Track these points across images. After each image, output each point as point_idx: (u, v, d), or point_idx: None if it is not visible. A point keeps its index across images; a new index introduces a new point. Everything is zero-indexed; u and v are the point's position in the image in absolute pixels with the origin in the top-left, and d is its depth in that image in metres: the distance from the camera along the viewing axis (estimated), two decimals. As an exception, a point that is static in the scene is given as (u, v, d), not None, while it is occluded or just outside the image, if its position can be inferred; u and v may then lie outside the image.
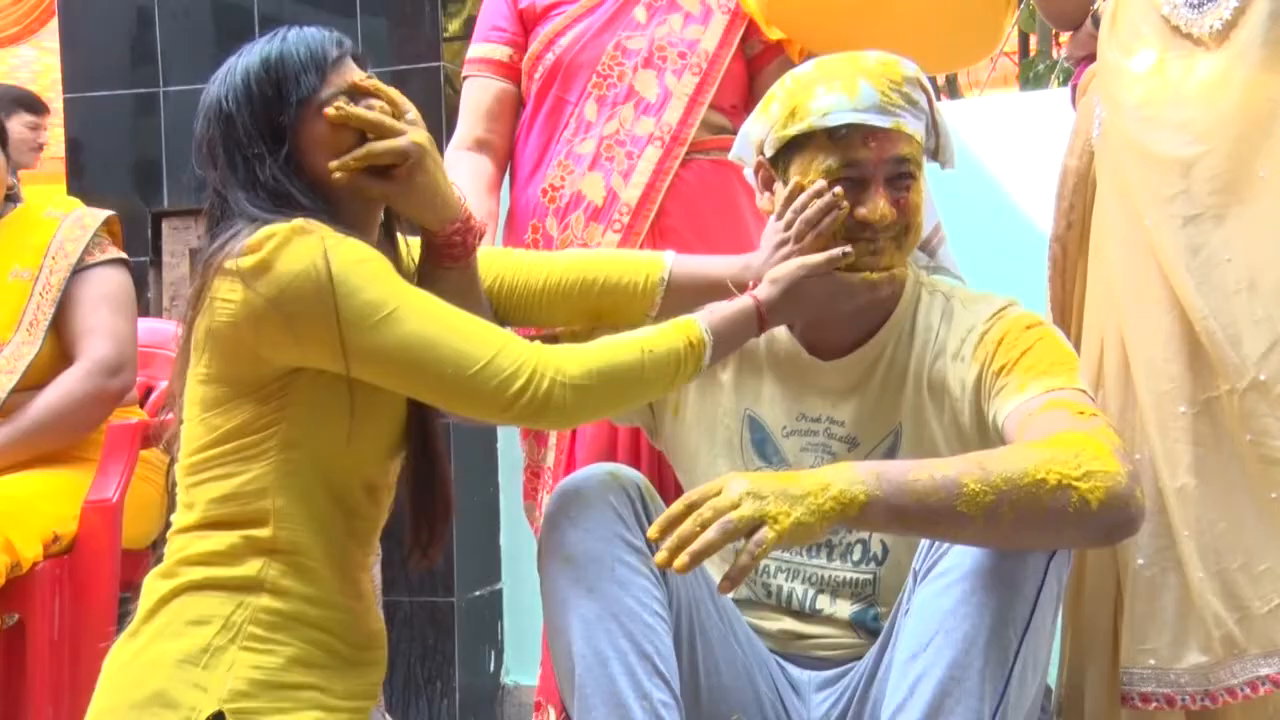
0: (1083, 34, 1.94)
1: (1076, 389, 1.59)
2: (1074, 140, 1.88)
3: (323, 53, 1.60)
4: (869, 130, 1.68)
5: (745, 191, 2.29)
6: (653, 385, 1.60)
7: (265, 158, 1.57)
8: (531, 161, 2.28)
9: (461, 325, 1.53)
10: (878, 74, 1.70)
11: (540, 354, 1.53)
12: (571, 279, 1.78)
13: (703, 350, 1.62)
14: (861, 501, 1.41)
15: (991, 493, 1.41)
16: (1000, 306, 1.73)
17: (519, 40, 2.32)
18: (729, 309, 1.67)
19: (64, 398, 2.35)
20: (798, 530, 1.40)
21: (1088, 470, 1.43)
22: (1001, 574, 1.47)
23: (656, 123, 2.21)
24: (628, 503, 1.56)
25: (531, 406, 1.52)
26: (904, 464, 1.47)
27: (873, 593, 1.73)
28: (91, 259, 2.45)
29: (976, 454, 1.49)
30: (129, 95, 3.37)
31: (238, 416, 1.55)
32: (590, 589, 1.53)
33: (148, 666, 1.52)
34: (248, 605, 1.53)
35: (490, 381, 1.51)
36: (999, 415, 1.62)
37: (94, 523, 2.28)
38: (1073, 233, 1.88)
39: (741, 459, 1.79)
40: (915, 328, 1.75)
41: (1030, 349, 1.64)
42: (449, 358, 1.51)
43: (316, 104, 1.58)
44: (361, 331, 1.49)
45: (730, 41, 2.26)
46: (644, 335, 1.60)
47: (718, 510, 1.40)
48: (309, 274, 1.49)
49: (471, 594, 3.12)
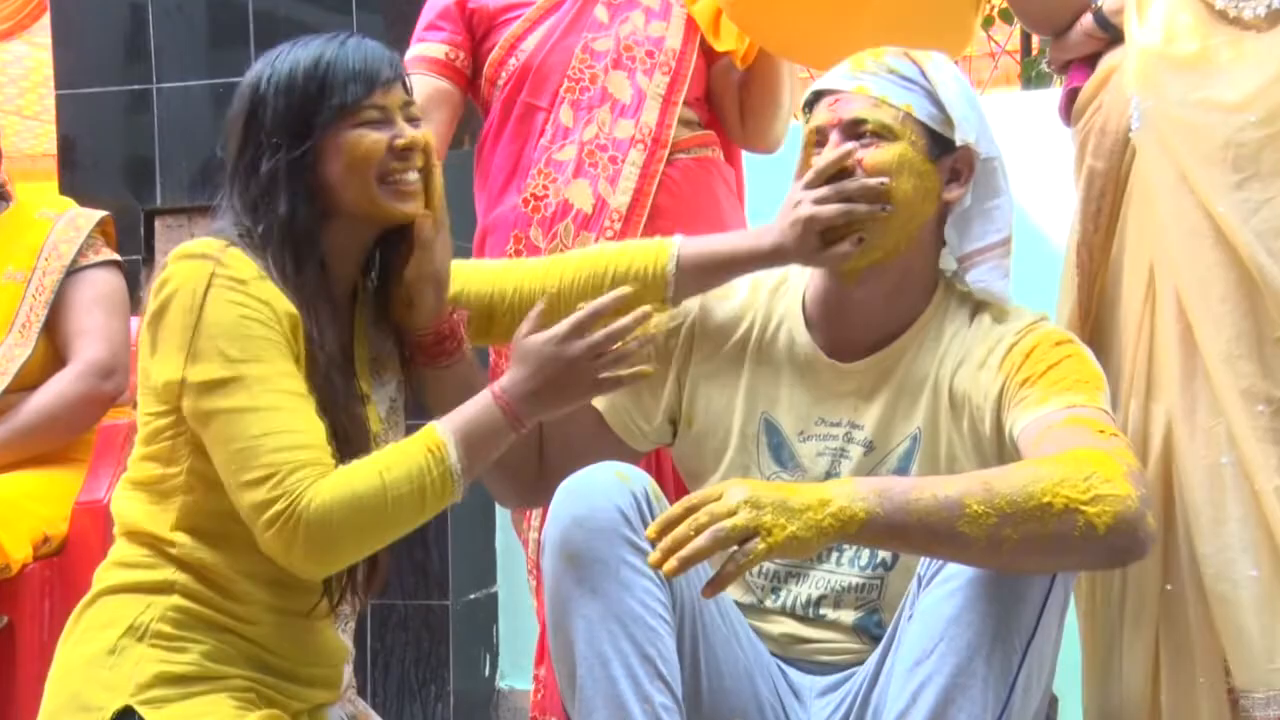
0: (1077, 35, 1.89)
1: (1099, 408, 1.59)
2: (1100, 140, 1.83)
3: (376, 70, 1.61)
4: (828, 94, 1.72)
5: (726, 186, 2.31)
6: (402, 508, 1.51)
7: (280, 149, 1.58)
8: (505, 171, 2.26)
9: (275, 428, 1.49)
10: (864, 55, 1.73)
11: (309, 492, 1.47)
12: (583, 277, 1.77)
13: (443, 454, 1.52)
14: (861, 519, 1.41)
15: (994, 514, 1.40)
16: (1032, 320, 1.72)
17: (459, 40, 2.29)
18: (470, 404, 1.58)
19: (56, 400, 2.36)
20: (791, 544, 1.40)
21: (1097, 494, 1.42)
22: (1006, 581, 1.47)
23: (635, 124, 2.21)
24: (633, 503, 1.56)
25: (278, 542, 1.48)
26: (908, 481, 1.47)
27: (878, 598, 1.73)
28: (85, 260, 2.46)
29: (983, 473, 1.49)
30: (122, 92, 3.36)
31: (157, 440, 1.57)
32: (594, 589, 1.53)
33: (64, 672, 1.56)
34: (156, 605, 1.54)
35: (246, 498, 1.49)
36: (1015, 426, 1.61)
37: (84, 524, 2.29)
38: (1099, 236, 1.84)
39: (756, 463, 1.79)
40: (941, 334, 1.74)
41: (1057, 364, 1.64)
42: (234, 456, 1.49)
43: (354, 116, 1.59)
44: (197, 375, 1.50)
45: (693, 37, 2.27)
46: (380, 455, 1.53)
47: (714, 516, 1.40)
48: (186, 293, 1.51)
49: (466, 597, 3.12)
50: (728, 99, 2.33)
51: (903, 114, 1.70)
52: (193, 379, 1.51)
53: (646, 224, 2.18)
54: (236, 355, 1.50)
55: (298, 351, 1.55)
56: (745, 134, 2.35)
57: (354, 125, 1.59)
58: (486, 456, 1.58)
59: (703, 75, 2.30)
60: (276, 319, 1.53)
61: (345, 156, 1.59)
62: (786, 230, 1.70)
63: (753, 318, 1.82)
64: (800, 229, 1.69)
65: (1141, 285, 1.77)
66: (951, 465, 1.70)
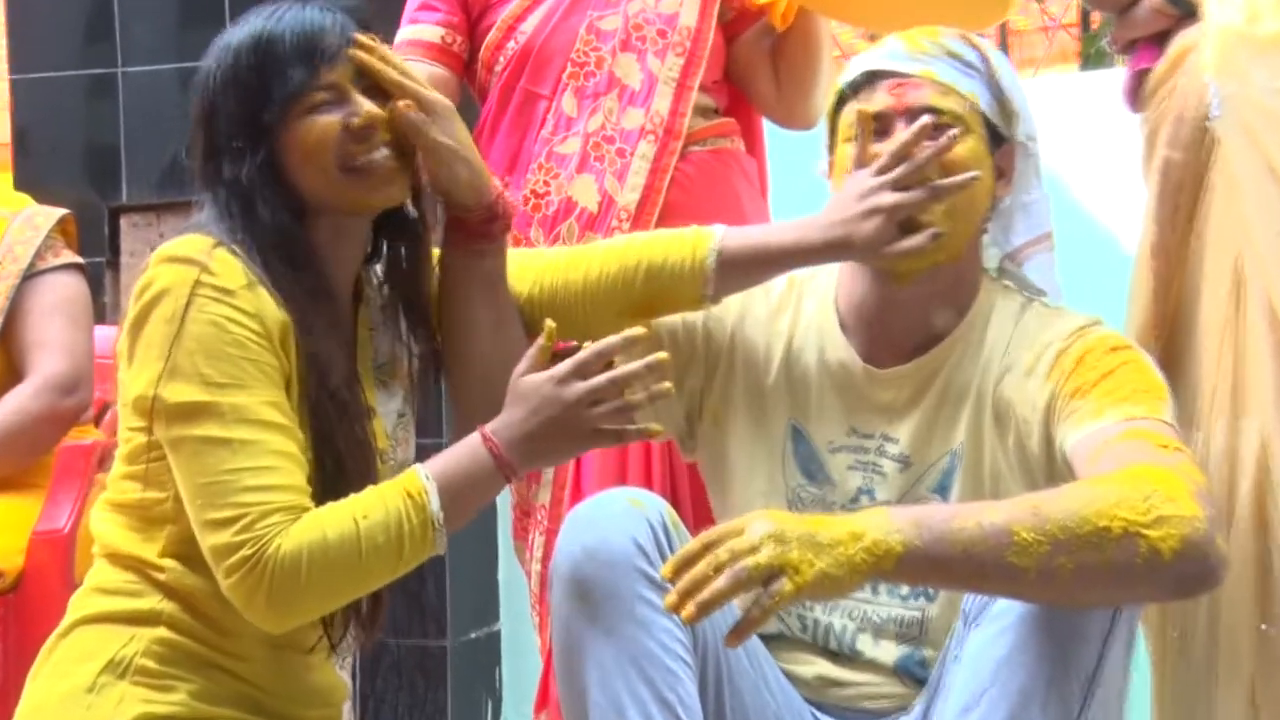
0: (1144, 11, 1.89)
1: (1160, 420, 1.58)
2: (1175, 128, 1.82)
3: (317, 44, 1.57)
4: (891, 76, 1.70)
5: (747, 181, 2.31)
6: (377, 559, 1.50)
7: (242, 154, 1.56)
8: (503, 165, 2.26)
9: (249, 464, 1.49)
10: (915, 31, 1.73)
11: (278, 539, 1.47)
12: (612, 270, 1.74)
13: (424, 501, 1.51)
14: (898, 553, 1.40)
15: (1046, 542, 1.40)
16: (1083, 324, 1.72)
17: (455, 21, 2.29)
18: (458, 446, 1.57)
19: (13, 418, 2.36)
20: (822, 583, 1.39)
21: (1160, 515, 1.41)
22: (1063, 617, 1.47)
23: (646, 113, 2.21)
24: (649, 533, 1.56)
25: (241, 589, 1.48)
26: (947, 509, 1.48)
27: (920, 633, 1.73)
28: (44, 264, 2.47)
29: (1031, 496, 1.48)
30: (83, 76, 3.38)
31: (138, 460, 1.57)
32: (607, 629, 1.53)
33: (35, 711, 1.55)
34: (141, 638, 1.54)
35: (210, 538, 1.49)
36: (1067, 442, 1.61)
37: (43, 556, 2.29)
38: (1175, 236, 1.84)
39: (783, 475, 1.79)
40: (984, 340, 1.75)
41: (1112, 372, 1.63)
42: (201, 490, 1.49)
43: (302, 103, 1.56)
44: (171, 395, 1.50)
45: (709, 12, 2.26)
46: (358, 499, 1.52)
47: (735, 553, 1.40)
48: (169, 301, 1.51)
49: (466, 636, 3.13)
50: (759, 72, 2.33)
51: (969, 104, 1.71)
52: (167, 398, 1.51)
53: (658, 224, 2.17)
54: (215, 379, 1.50)
55: (289, 368, 1.55)
56: (782, 108, 2.34)
57: (304, 113, 1.56)
58: (472, 505, 1.57)
59: (721, 55, 2.30)
60: (265, 333, 1.52)
61: (298, 150, 1.57)
62: (857, 221, 1.68)
63: (787, 325, 1.82)
64: (881, 219, 1.67)
65: (1225, 290, 1.77)
66: (996, 484, 1.70)
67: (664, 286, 1.73)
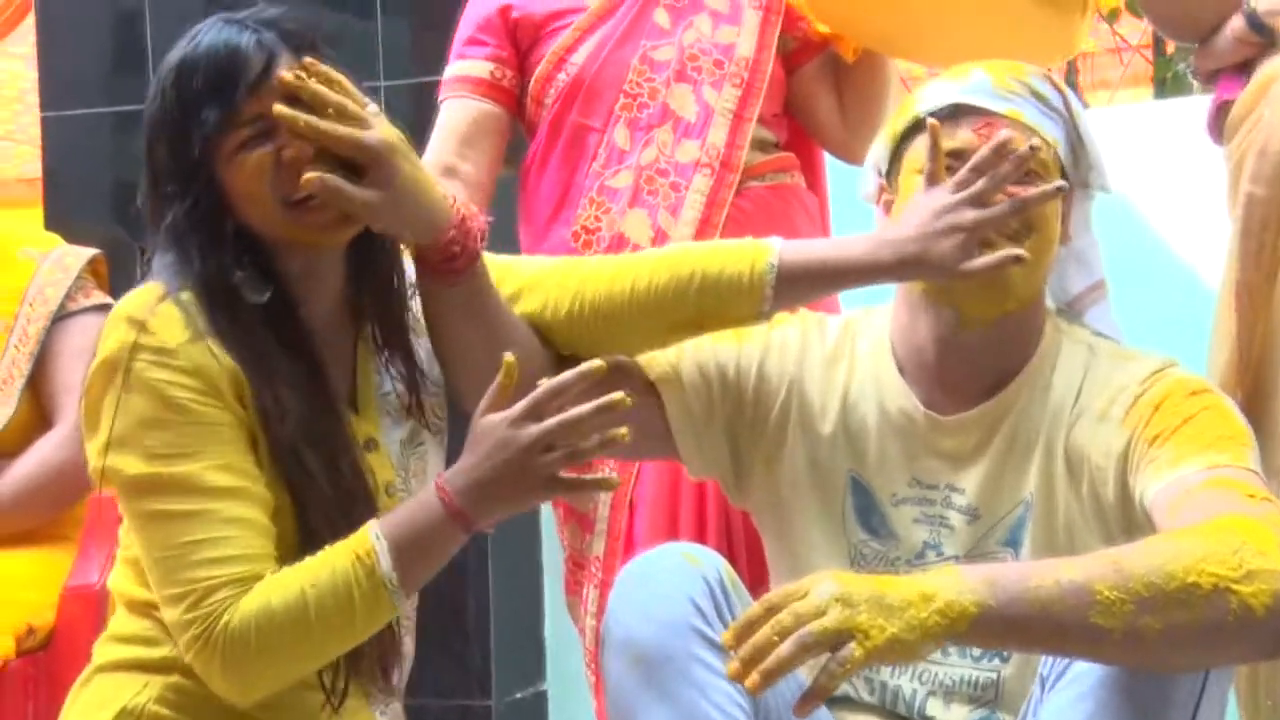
0: (1225, 40, 1.88)
1: (1246, 468, 1.57)
2: (1260, 162, 1.80)
3: (236, 72, 1.52)
4: (976, 114, 1.71)
5: (807, 216, 2.31)
6: (329, 628, 1.51)
7: (176, 198, 1.55)
8: (553, 201, 2.29)
9: (198, 536, 1.52)
10: (997, 66, 1.73)
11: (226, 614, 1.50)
12: (663, 281, 1.70)
13: (372, 562, 1.50)
14: (972, 615, 1.39)
15: (1130, 600, 1.38)
16: (1159, 366, 1.71)
17: (504, 55, 2.30)
18: (414, 500, 1.57)
19: (41, 468, 2.38)
20: (894, 647, 1.38)
21: (1250, 569, 1.39)
22: (1148, 681, 1.46)
23: (701, 145, 2.23)
24: (706, 591, 1.56)
25: (199, 665, 1.52)
26: (1022, 567, 1.46)
27: (995, 697, 1.72)
28: (74, 305, 2.48)
29: (1110, 551, 1.46)
30: (114, 113, 3.41)
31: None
32: (663, 693, 1.53)
33: None
34: (154, 685, 1.58)
35: (167, 613, 1.54)
36: (1147, 493, 1.60)
37: (74, 612, 2.30)
38: (1260, 274, 1.81)
39: (843, 529, 1.78)
40: (1052, 383, 1.74)
41: (1193, 418, 1.62)
42: (155, 565, 1.54)
43: (228, 141, 1.53)
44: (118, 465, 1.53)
45: (768, 43, 2.28)
46: (310, 563, 1.53)
47: (799, 617, 1.38)
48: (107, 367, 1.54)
49: (511, 696, 3.13)
50: (821, 104, 2.35)
51: (1054, 151, 1.72)
52: (115, 470, 1.54)
53: None
54: (159, 450, 1.52)
55: (246, 417, 1.56)
56: (847, 143, 2.36)
57: (234, 151, 1.53)
58: (431, 559, 1.55)
59: (781, 87, 2.32)
60: (210, 389, 1.53)
61: (235, 189, 1.55)
62: (935, 238, 1.65)
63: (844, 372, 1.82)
64: (962, 237, 1.64)
65: None
66: (1070, 537, 1.69)
67: (719, 300, 1.71)
